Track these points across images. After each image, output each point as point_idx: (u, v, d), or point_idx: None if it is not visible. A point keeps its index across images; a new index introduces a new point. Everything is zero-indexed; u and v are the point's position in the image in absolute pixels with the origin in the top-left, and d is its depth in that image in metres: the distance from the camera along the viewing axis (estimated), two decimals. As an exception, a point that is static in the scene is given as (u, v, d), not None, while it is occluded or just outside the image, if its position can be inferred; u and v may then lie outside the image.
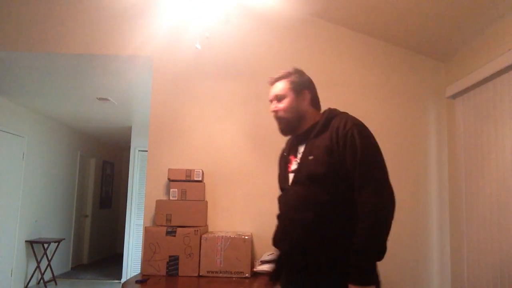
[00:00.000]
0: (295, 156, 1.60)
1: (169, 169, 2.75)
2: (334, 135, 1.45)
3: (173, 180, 2.72)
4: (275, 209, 1.70)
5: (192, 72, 2.98)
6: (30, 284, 5.40)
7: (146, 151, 3.01)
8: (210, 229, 2.78)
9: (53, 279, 5.77)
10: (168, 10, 2.96)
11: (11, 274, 4.96)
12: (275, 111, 1.62)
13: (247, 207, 2.85)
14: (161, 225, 2.57)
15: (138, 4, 2.97)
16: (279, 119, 1.62)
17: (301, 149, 1.57)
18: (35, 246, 5.38)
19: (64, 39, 3.00)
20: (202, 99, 2.96)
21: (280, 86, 1.62)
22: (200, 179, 2.73)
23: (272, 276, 1.72)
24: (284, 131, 1.64)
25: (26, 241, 5.28)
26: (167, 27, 2.96)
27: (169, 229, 2.50)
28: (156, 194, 2.84)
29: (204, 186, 2.75)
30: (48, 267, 5.62)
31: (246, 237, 2.51)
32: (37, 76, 3.79)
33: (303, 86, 1.62)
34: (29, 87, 4.22)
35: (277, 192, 1.61)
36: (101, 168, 8.02)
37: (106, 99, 4.53)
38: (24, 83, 4.04)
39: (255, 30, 3.00)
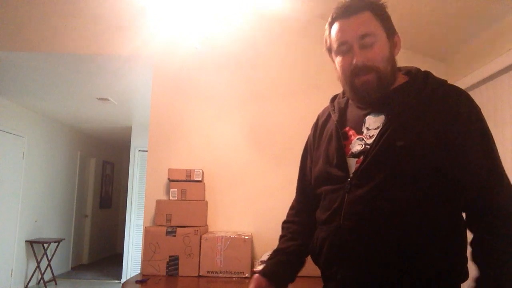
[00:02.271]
0: (358, 132, 1.02)
1: (169, 169, 2.75)
2: (452, 114, 0.92)
3: (173, 180, 2.72)
4: (275, 209, 1.64)
5: (192, 72, 2.98)
6: (30, 284, 5.39)
7: (146, 151, 3.01)
8: (210, 229, 2.78)
9: (53, 279, 5.77)
10: (168, 10, 2.96)
11: (11, 274, 4.96)
12: (363, 61, 0.98)
13: (247, 207, 2.85)
14: (161, 225, 2.56)
15: (138, 4, 2.97)
16: (366, 73, 0.98)
17: (372, 122, 1.01)
18: (35, 246, 5.37)
19: (64, 39, 3.00)
20: (202, 99, 2.96)
21: (364, 19, 1.00)
22: (200, 179, 2.73)
23: (268, 273, 1.15)
24: (367, 95, 1.00)
25: (26, 241, 5.28)
26: (167, 27, 2.96)
27: (169, 229, 2.50)
28: (156, 194, 2.84)
29: (204, 186, 2.75)
30: (48, 267, 5.62)
31: (246, 237, 2.50)
32: (37, 76, 3.79)
33: (393, 27, 1.04)
34: (29, 87, 4.22)
35: (278, 191, 1.54)
36: (101, 168, 8.02)
37: (106, 99, 4.53)
38: (24, 83, 4.04)
39: (256, 30, 2.99)
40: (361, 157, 0.98)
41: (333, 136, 1.08)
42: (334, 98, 1.19)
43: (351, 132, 1.04)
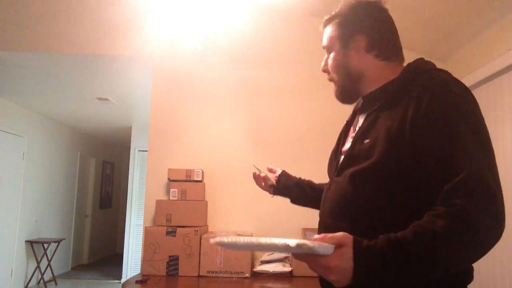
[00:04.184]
0: (354, 130, 1.08)
1: (169, 169, 2.75)
2: (411, 111, 0.87)
3: (173, 180, 2.72)
4: (275, 209, 1.65)
5: (192, 72, 2.98)
6: (30, 284, 5.39)
7: (146, 151, 3.01)
8: (210, 229, 2.78)
9: (53, 279, 5.77)
10: (168, 11, 2.96)
11: (11, 274, 4.96)
12: (325, 71, 1.12)
13: (247, 207, 2.85)
14: (161, 225, 2.56)
15: (138, 4, 2.97)
16: (331, 81, 1.11)
17: (361, 120, 1.05)
18: (35, 246, 5.37)
19: (64, 39, 3.00)
20: (202, 99, 2.96)
21: (326, 34, 1.11)
22: (200, 179, 2.73)
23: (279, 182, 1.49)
24: (339, 98, 1.10)
25: (26, 241, 5.28)
26: (167, 27, 2.96)
27: (169, 229, 2.50)
28: (156, 194, 2.84)
29: (204, 186, 2.75)
30: (48, 267, 5.62)
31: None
32: (37, 76, 3.79)
33: (355, 28, 1.05)
34: (29, 87, 4.22)
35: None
36: (101, 168, 8.03)
37: (106, 99, 4.53)
38: (24, 83, 4.04)
39: (255, 30, 2.99)
40: None
41: (340, 133, 1.18)
42: None
43: (350, 131, 1.10)
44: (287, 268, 2.47)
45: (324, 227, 1.03)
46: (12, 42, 3.01)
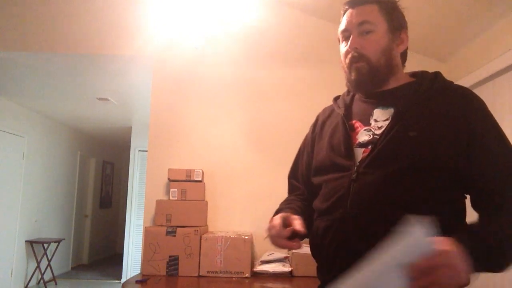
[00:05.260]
0: (365, 124, 1.04)
1: (169, 169, 2.75)
2: (466, 112, 0.95)
3: (173, 180, 2.72)
4: (275, 209, 1.61)
5: (192, 72, 2.98)
6: (30, 284, 5.40)
7: (146, 151, 3.01)
8: (210, 229, 2.78)
9: (53, 279, 5.77)
10: (168, 11, 2.96)
11: (11, 274, 4.96)
12: (355, 47, 1.02)
13: (247, 207, 2.85)
14: (161, 225, 2.57)
15: (138, 4, 2.97)
16: (358, 60, 1.01)
17: (381, 114, 1.02)
18: (35, 246, 5.38)
19: (64, 39, 3.00)
20: (202, 99, 2.96)
21: (368, 11, 1.03)
22: (200, 179, 2.73)
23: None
24: (361, 84, 1.04)
25: (26, 241, 5.28)
26: (167, 27, 2.96)
27: (169, 229, 2.50)
28: (156, 194, 2.84)
29: (204, 186, 2.75)
30: (48, 267, 5.62)
31: (246, 237, 2.50)
32: (37, 76, 3.79)
33: (402, 23, 1.06)
34: (29, 87, 4.22)
35: (278, 191, 1.53)
36: (101, 168, 8.02)
37: (106, 99, 4.53)
38: (24, 83, 4.04)
39: (255, 30, 2.99)
40: (369, 147, 0.99)
41: (338, 128, 1.08)
42: (337, 98, 1.20)
43: (357, 124, 1.06)
44: (287, 268, 2.47)
45: (356, 222, 0.94)
46: (12, 42, 3.01)
